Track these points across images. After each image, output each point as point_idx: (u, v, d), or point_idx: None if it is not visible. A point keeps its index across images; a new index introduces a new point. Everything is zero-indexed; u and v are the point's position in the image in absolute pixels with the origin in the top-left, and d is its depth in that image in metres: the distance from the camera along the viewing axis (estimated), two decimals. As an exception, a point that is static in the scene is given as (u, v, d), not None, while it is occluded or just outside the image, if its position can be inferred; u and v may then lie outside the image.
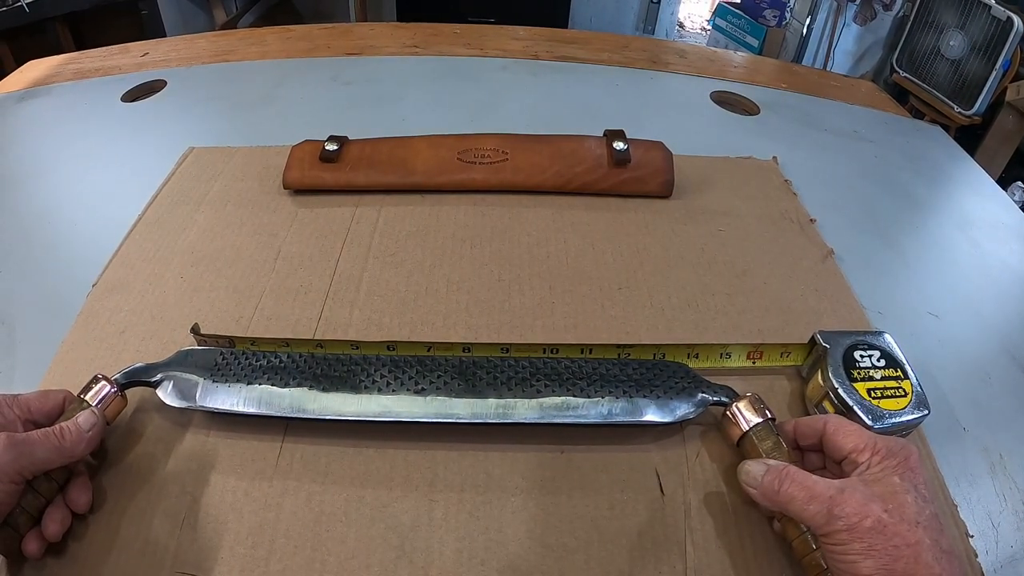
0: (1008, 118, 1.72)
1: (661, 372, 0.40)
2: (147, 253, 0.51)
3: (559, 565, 0.34)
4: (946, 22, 1.79)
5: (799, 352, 0.43)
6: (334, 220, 0.55)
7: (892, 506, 0.29)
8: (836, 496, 0.30)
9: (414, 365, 0.40)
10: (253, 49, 0.89)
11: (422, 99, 0.77)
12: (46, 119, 0.72)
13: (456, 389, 0.39)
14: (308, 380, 0.39)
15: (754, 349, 0.43)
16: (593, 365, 0.40)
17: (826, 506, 0.30)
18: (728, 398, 0.38)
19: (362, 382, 0.39)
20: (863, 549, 0.28)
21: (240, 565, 0.33)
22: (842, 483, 0.31)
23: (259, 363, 0.40)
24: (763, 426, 0.36)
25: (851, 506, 0.29)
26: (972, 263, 0.57)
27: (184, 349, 0.41)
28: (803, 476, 0.32)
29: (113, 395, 0.37)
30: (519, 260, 0.51)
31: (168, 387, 0.39)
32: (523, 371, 0.40)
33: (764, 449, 0.35)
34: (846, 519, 0.29)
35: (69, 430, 0.34)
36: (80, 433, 0.34)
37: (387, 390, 0.39)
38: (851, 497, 0.29)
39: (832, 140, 0.73)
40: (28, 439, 0.32)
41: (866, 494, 0.30)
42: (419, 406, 0.38)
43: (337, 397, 0.38)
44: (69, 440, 0.34)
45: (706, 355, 0.42)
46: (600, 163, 0.58)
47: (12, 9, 1.58)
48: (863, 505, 0.29)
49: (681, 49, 0.95)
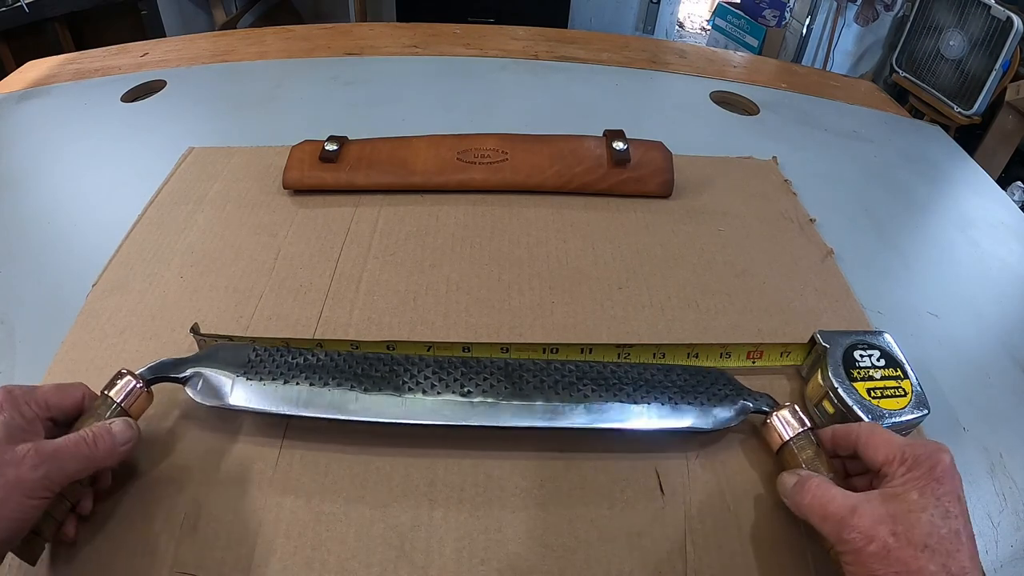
0: (1008, 118, 1.72)
1: (704, 379, 0.40)
2: (147, 253, 0.51)
3: (559, 565, 0.34)
4: (946, 22, 1.79)
5: (799, 352, 0.43)
6: (334, 220, 0.55)
7: (901, 528, 0.28)
8: (847, 517, 0.30)
9: (459, 367, 0.39)
10: (253, 49, 0.89)
11: (422, 99, 0.77)
12: (46, 119, 0.72)
13: (503, 392, 0.38)
14: (349, 380, 0.38)
15: (754, 349, 0.43)
16: (639, 370, 0.40)
17: (837, 527, 0.30)
18: (769, 407, 0.38)
19: (405, 383, 0.38)
20: (865, 573, 0.28)
21: (240, 565, 0.33)
22: (858, 500, 0.30)
23: (294, 360, 0.39)
24: (803, 435, 0.36)
25: (859, 529, 0.29)
26: (972, 263, 0.57)
27: (214, 345, 0.40)
28: (823, 490, 0.31)
29: (139, 391, 0.36)
30: (519, 260, 0.51)
31: (198, 384, 0.37)
32: (569, 375, 0.39)
33: (804, 458, 0.35)
34: (852, 543, 0.29)
35: (103, 439, 0.32)
36: (114, 445, 0.33)
37: (432, 392, 0.38)
38: (860, 519, 0.29)
39: (832, 140, 0.73)
40: (58, 452, 0.31)
41: (877, 515, 0.29)
42: (465, 409, 0.37)
43: (380, 398, 0.37)
44: (103, 450, 0.32)
45: (706, 354, 0.42)
46: (600, 163, 0.58)
47: (12, 9, 1.58)
48: (871, 528, 0.29)
49: (681, 49, 0.95)
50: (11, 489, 0.29)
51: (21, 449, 0.30)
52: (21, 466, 0.29)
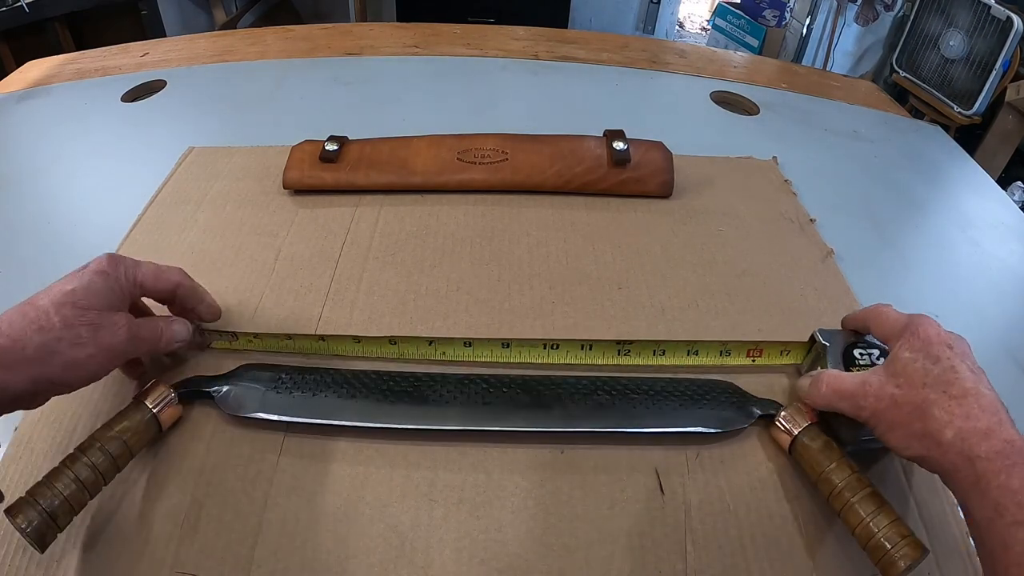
0: (1008, 118, 1.72)
1: (711, 389, 0.41)
2: (147, 253, 0.50)
3: (559, 565, 0.34)
4: (946, 22, 1.79)
5: (798, 350, 0.43)
6: (334, 220, 0.55)
7: (902, 380, 0.33)
8: (858, 390, 0.34)
9: (480, 383, 0.41)
10: (253, 49, 0.89)
11: (422, 99, 0.77)
12: (46, 119, 0.72)
13: (522, 403, 0.40)
14: (375, 393, 0.40)
15: (754, 347, 0.43)
16: (649, 384, 0.41)
17: (854, 400, 0.34)
18: (775, 410, 0.39)
19: (429, 396, 0.40)
20: (888, 427, 0.32)
21: (240, 565, 0.33)
22: (865, 375, 0.35)
23: (323, 379, 0.41)
24: (812, 428, 0.37)
25: (872, 394, 0.33)
26: (972, 263, 0.57)
27: (245, 363, 0.42)
28: (835, 377, 0.36)
29: (172, 401, 0.37)
30: (519, 260, 0.51)
31: (228, 397, 0.39)
32: (584, 387, 0.41)
33: (816, 448, 0.36)
34: (869, 408, 0.33)
35: (167, 333, 0.38)
36: (172, 341, 0.38)
37: (454, 403, 0.39)
38: (870, 387, 0.34)
39: (832, 140, 0.73)
40: (140, 332, 0.36)
41: (881, 380, 0.34)
42: (484, 415, 0.39)
43: (403, 408, 0.39)
44: (164, 341, 0.38)
45: (706, 352, 0.43)
46: (600, 163, 0.58)
47: (12, 9, 1.58)
48: (880, 390, 0.33)
49: (681, 49, 0.95)
50: (102, 350, 0.33)
51: (119, 319, 0.35)
52: (116, 335, 0.34)
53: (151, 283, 0.38)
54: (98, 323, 0.33)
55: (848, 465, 0.34)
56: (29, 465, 0.37)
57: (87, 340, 0.32)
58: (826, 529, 0.35)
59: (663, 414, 0.39)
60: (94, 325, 0.33)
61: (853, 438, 0.36)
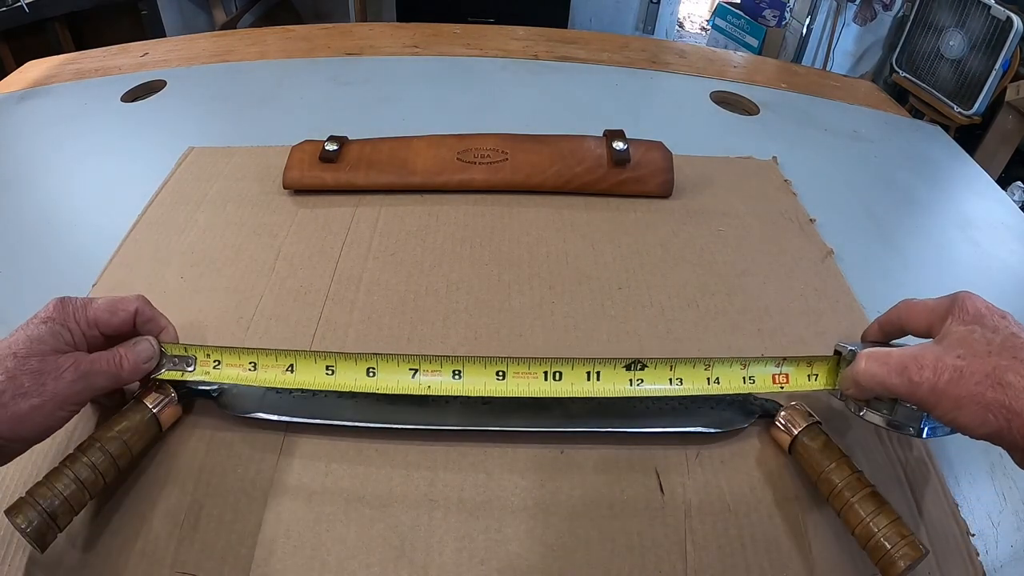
0: (1008, 118, 1.72)
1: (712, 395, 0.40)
2: (147, 253, 0.51)
3: (559, 565, 0.34)
4: (946, 22, 1.79)
5: (824, 371, 0.38)
6: (334, 220, 0.55)
7: (963, 350, 0.30)
8: (911, 363, 0.31)
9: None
10: (253, 49, 0.89)
11: (422, 99, 0.76)
12: (46, 119, 0.72)
13: (522, 403, 0.39)
14: (375, 393, 0.39)
15: (778, 371, 0.38)
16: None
17: (906, 376, 0.31)
18: (774, 410, 0.39)
19: (429, 396, 0.39)
20: (954, 403, 0.29)
21: (240, 565, 0.33)
22: (914, 349, 0.32)
23: None
24: (812, 428, 0.37)
25: (927, 369, 0.30)
26: (972, 263, 0.57)
27: None
28: (881, 352, 0.33)
29: (172, 401, 0.37)
30: (519, 260, 0.51)
31: (228, 397, 0.39)
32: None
33: (816, 448, 0.35)
34: (927, 383, 0.30)
35: (128, 359, 0.35)
36: (137, 364, 0.36)
37: (454, 403, 0.39)
38: (924, 360, 0.30)
39: (832, 140, 0.73)
40: (93, 367, 0.34)
41: (936, 353, 0.30)
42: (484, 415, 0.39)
43: (403, 408, 0.39)
44: (127, 369, 0.35)
45: (728, 379, 0.37)
46: (600, 163, 0.58)
47: (12, 9, 1.58)
48: (937, 361, 0.30)
49: (681, 49, 0.95)
50: (48, 399, 0.31)
51: (63, 361, 0.33)
52: (60, 379, 0.32)
53: (106, 317, 0.36)
54: (40, 369, 0.32)
55: (848, 465, 0.34)
56: (29, 465, 0.37)
57: (29, 389, 0.31)
58: (826, 529, 0.35)
59: (663, 414, 0.39)
60: (36, 372, 0.31)
61: (916, 426, 0.33)
